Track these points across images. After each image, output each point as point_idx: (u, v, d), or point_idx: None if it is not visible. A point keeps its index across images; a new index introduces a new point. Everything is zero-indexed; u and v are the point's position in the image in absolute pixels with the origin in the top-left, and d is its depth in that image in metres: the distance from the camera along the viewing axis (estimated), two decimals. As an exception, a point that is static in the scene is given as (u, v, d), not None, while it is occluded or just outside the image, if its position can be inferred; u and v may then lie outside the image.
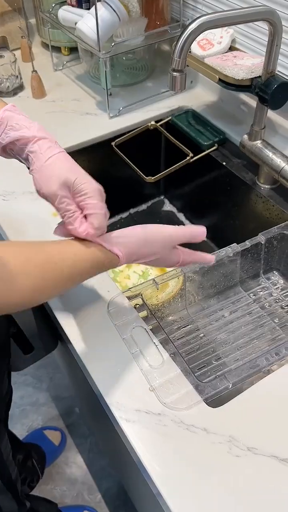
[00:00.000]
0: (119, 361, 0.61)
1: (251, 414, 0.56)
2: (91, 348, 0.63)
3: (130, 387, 0.59)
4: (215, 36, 0.92)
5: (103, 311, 0.66)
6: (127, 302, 0.67)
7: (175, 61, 0.66)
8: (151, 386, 0.58)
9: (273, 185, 0.88)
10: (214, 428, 0.54)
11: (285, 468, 0.51)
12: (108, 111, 1.06)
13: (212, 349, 0.71)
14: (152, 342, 0.62)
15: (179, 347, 0.72)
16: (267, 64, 0.76)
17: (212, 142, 0.98)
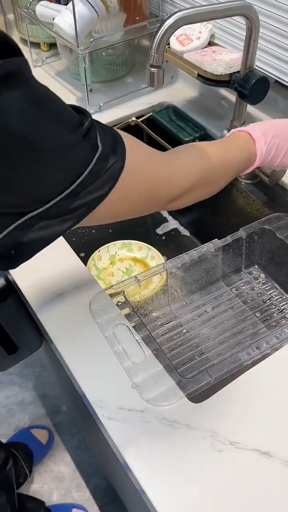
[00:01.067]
0: (102, 359, 0.61)
1: (232, 409, 0.56)
2: (73, 346, 0.63)
3: (113, 385, 0.58)
4: (194, 31, 0.92)
5: (85, 309, 0.66)
6: (109, 300, 0.67)
7: (152, 56, 0.65)
8: (133, 383, 0.58)
9: (254, 180, 0.89)
10: (197, 424, 0.55)
11: (267, 461, 0.52)
12: (88, 108, 1.05)
13: (195, 345, 0.72)
14: (134, 340, 0.62)
15: (162, 343, 0.72)
16: (245, 59, 0.76)
17: (193, 138, 0.98)
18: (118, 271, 0.93)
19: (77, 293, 0.69)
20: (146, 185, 0.49)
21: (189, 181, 0.55)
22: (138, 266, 0.94)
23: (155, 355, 0.61)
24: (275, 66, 0.86)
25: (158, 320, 0.75)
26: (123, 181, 0.44)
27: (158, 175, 0.51)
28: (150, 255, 0.94)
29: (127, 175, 0.45)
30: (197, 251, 0.74)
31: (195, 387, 0.57)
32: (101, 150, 0.42)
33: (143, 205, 0.52)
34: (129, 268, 0.94)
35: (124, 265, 0.94)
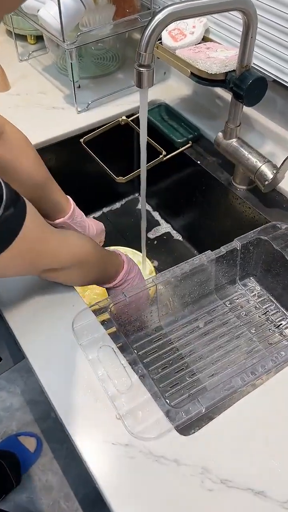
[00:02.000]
0: (84, 385, 0.57)
1: (224, 442, 0.52)
2: (54, 371, 0.58)
3: (96, 415, 0.54)
4: (187, 26, 0.87)
5: (68, 328, 0.61)
6: (94, 318, 0.62)
7: (141, 55, 0.60)
8: (118, 414, 0.54)
9: (249, 186, 0.84)
10: (186, 459, 0.50)
11: (261, 502, 0.47)
12: (76, 105, 1.00)
13: (186, 364, 0.67)
14: (120, 363, 0.57)
15: (150, 364, 0.67)
16: (242, 57, 0.70)
17: (186, 139, 0.93)
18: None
19: (59, 310, 0.64)
20: (33, 254, 0.52)
21: (69, 261, 0.58)
22: None
23: (142, 380, 0.56)
24: (274, 65, 0.80)
25: (146, 338, 0.70)
26: (16, 245, 0.46)
27: (47, 248, 0.54)
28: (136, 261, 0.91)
29: (22, 241, 0.46)
30: (189, 264, 0.69)
31: (184, 418, 0.53)
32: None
33: (22, 269, 0.54)
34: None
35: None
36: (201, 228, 1.01)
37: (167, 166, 0.93)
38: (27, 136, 0.71)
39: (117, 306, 0.64)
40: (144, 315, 0.70)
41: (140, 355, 0.67)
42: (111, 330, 0.62)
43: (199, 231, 1.02)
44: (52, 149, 0.95)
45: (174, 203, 1.07)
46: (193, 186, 0.96)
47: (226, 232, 0.93)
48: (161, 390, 0.64)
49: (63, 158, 0.98)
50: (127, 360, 0.58)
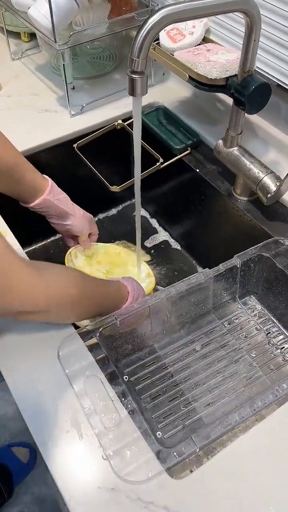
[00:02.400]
0: (69, 420, 0.53)
1: (218, 487, 0.48)
2: (37, 402, 0.54)
3: (81, 455, 0.50)
4: (186, 26, 0.81)
5: (53, 354, 0.57)
6: (82, 344, 0.58)
7: (134, 61, 0.55)
8: (104, 454, 0.49)
9: (251, 197, 0.79)
10: (176, 505, 0.46)
11: None
12: (69, 108, 0.95)
13: (180, 392, 0.63)
14: (108, 396, 0.53)
15: (142, 391, 0.63)
16: (244, 61, 0.65)
17: (185, 146, 0.88)
18: (98, 272, 0.84)
19: (44, 333, 0.60)
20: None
21: (45, 304, 0.51)
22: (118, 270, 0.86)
23: (132, 416, 0.52)
24: (278, 68, 0.75)
25: (139, 361, 0.66)
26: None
27: (15, 286, 0.46)
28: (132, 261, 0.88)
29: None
30: (186, 283, 0.65)
31: (177, 459, 0.49)
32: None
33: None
34: (109, 271, 0.85)
35: (103, 267, 0.86)
36: (200, 238, 0.96)
37: (165, 173, 0.88)
38: (17, 141, 0.67)
39: (107, 330, 0.60)
40: (137, 337, 0.66)
41: (131, 382, 0.63)
42: (100, 356, 0.58)
43: (198, 240, 0.97)
44: (44, 154, 0.90)
45: (172, 211, 1.02)
46: (191, 195, 0.91)
47: (226, 244, 0.88)
48: (153, 421, 0.60)
49: (55, 164, 0.93)
50: (116, 392, 0.54)
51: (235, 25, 0.79)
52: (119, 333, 0.63)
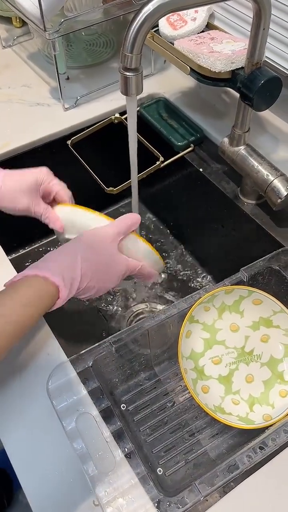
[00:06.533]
0: (58, 461, 0.48)
1: None
2: (23, 440, 0.49)
3: (69, 501, 0.45)
4: (188, 11, 0.74)
5: (41, 386, 0.52)
6: (74, 374, 0.53)
7: (126, 57, 0.48)
8: (96, 499, 0.45)
9: (259, 200, 0.73)
10: None
11: None
12: (62, 102, 0.88)
13: (183, 422, 0.58)
14: (102, 437, 0.48)
15: (141, 422, 0.57)
16: (252, 53, 0.58)
17: (187, 142, 0.81)
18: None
19: (31, 361, 0.55)
20: None
21: None
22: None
23: (129, 460, 0.47)
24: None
25: (137, 388, 0.60)
26: None
27: None
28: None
29: None
30: (187, 302, 0.59)
31: (179, 509, 0.44)
32: None
33: None
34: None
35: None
36: (204, 242, 0.90)
37: (165, 173, 0.82)
38: (6, 139, 0.60)
39: (102, 356, 0.54)
40: (135, 361, 0.60)
41: (129, 411, 0.58)
42: (94, 387, 0.53)
43: (202, 245, 0.91)
44: (35, 153, 0.84)
45: (175, 211, 0.96)
46: (195, 197, 0.84)
47: (232, 250, 0.82)
48: (154, 456, 0.55)
49: (48, 163, 0.86)
50: (111, 431, 0.49)
51: (242, 10, 0.71)
52: (116, 358, 0.57)
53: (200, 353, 0.59)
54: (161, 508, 0.44)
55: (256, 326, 0.61)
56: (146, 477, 0.46)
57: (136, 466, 0.46)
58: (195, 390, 0.55)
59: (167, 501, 0.44)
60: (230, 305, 0.62)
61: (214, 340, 0.61)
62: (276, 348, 0.60)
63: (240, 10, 0.71)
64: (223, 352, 0.60)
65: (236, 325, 0.61)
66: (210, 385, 0.58)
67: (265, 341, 0.60)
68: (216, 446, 0.56)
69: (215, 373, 0.59)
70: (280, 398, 0.57)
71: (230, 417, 0.55)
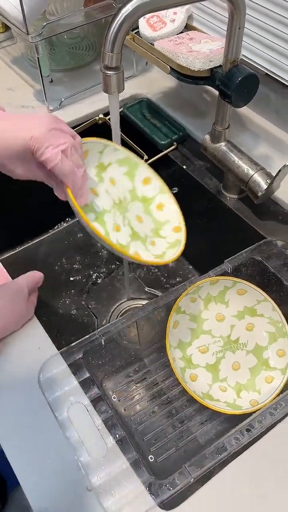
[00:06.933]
0: (52, 450, 0.49)
1: (216, 521, 0.44)
2: (16, 433, 0.50)
3: (63, 487, 0.46)
4: (167, 12, 0.76)
5: (33, 381, 0.53)
6: (64, 366, 0.54)
7: (107, 56, 0.50)
8: (89, 484, 0.46)
9: (241, 194, 0.75)
10: None
11: None
12: (47, 103, 0.89)
13: (174, 411, 0.59)
14: (93, 424, 0.49)
15: (131, 413, 0.59)
16: (228, 51, 0.60)
17: (171, 141, 0.83)
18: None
19: (22, 354, 0.56)
20: None
21: None
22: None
23: (120, 446, 0.48)
24: (266, 57, 0.70)
25: (128, 378, 0.62)
26: None
27: None
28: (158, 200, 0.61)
29: None
30: (174, 294, 0.61)
31: (170, 491, 0.45)
32: None
33: None
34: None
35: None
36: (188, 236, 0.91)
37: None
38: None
39: (92, 348, 0.56)
40: (125, 352, 0.62)
41: (120, 402, 0.59)
42: (84, 378, 0.54)
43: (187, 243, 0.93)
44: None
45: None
46: (178, 193, 0.86)
47: (216, 244, 0.84)
48: (144, 444, 0.56)
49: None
50: (103, 418, 0.50)
51: (219, 11, 0.74)
52: (105, 350, 0.59)
53: (188, 342, 0.61)
54: (152, 491, 0.45)
55: (241, 315, 0.63)
56: (137, 461, 0.47)
57: (128, 452, 0.48)
58: (183, 378, 0.56)
59: (158, 484, 0.46)
60: (216, 296, 0.63)
61: (201, 330, 0.62)
62: (260, 336, 0.62)
63: (217, 11, 0.74)
64: (210, 341, 0.62)
65: (221, 315, 0.63)
66: (198, 374, 0.59)
67: (250, 330, 0.62)
68: (205, 432, 0.57)
69: (202, 361, 0.60)
70: (266, 384, 0.59)
71: (218, 403, 0.57)
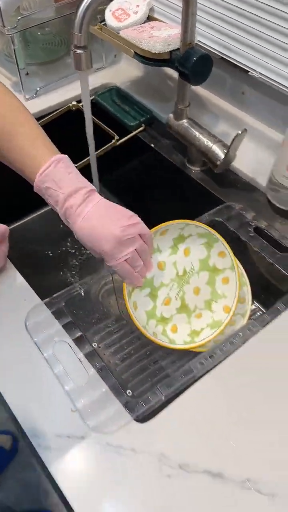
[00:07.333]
0: (40, 382, 0.55)
1: (181, 427, 0.51)
2: (8, 370, 0.56)
3: (52, 411, 0.53)
4: (131, 5, 0.84)
5: (20, 326, 0.59)
6: (48, 313, 0.61)
7: (76, 36, 0.58)
8: (74, 406, 0.52)
9: (203, 167, 0.83)
10: (143, 447, 0.50)
11: (219, 484, 0.47)
12: (23, 93, 0.96)
13: (148, 352, 0.66)
14: (76, 358, 0.56)
15: (111, 356, 0.66)
16: (184, 35, 0.69)
17: (139, 122, 0.91)
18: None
19: (9, 306, 0.62)
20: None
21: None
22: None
23: (101, 374, 0.55)
24: (220, 42, 0.79)
25: (107, 329, 0.69)
26: None
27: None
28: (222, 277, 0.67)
29: None
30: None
31: (144, 408, 0.52)
32: None
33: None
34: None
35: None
36: (159, 212, 0.99)
37: (121, 151, 0.91)
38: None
39: (72, 299, 0.63)
40: (103, 306, 0.69)
41: (100, 348, 0.66)
42: (67, 322, 0.61)
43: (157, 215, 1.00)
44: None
45: (132, 188, 1.05)
46: (148, 170, 0.94)
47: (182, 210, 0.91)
48: (123, 380, 0.63)
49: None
50: (84, 354, 0.57)
51: (176, 2, 0.82)
52: (85, 303, 0.66)
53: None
54: (129, 408, 0.52)
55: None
56: (115, 384, 0.54)
57: (107, 379, 0.55)
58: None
59: (134, 402, 0.53)
60: None
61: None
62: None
63: (175, 3, 0.82)
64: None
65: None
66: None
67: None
68: (176, 368, 0.64)
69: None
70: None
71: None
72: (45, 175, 0.53)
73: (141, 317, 0.62)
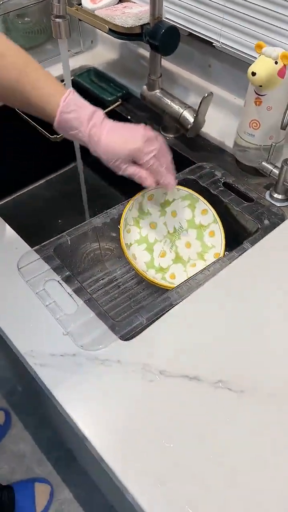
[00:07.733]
0: (33, 314, 0.61)
1: (162, 342, 0.58)
2: (2, 307, 0.62)
3: (44, 335, 0.59)
4: (104, -12, 0.91)
5: (13, 270, 0.65)
6: (38, 258, 0.67)
7: (55, 6, 0.64)
8: (65, 330, 0.59)
9: (176, 134, 0.90)
10: (128, 359, 0.56)
11: (196, 385, 0.54)
12: (6, 75, 1.02)
13: (130, 295, 0.73)
14: (66, 292, 0.62)
15: (97, 298, 0.72)
16: (153, 10, 0.76)
17: (116, 97, 0.98)
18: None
19: (2, 255, 0.68)
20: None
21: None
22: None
23: (88, 305, 0.61)
24: (187, 18, 0.87)
25: (92, 277, 0.75)
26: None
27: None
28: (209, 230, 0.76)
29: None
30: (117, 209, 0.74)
31: (128, 329, 0.59)
32: None
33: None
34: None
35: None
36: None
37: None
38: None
39: (60, 247, 0.69)
40: (88, 257, 0.75)
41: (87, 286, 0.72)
42: (56, 266, 0.67)
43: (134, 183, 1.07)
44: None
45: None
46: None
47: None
48: (108, 309, 0.69)
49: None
50: (73, 290, 0.63)
51: (146, -16, 0.90)
52: (72, 251, 0.72)
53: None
54: (115, 330, 0.59)
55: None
56: (102, 312, 0.60)
57: (94, 308, 0.61)
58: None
59: (118, 325, 0.59)
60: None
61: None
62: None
63: (145, -15, 0.90)
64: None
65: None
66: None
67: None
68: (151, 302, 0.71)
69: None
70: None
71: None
72: (69, 100, 0.62)
73: (141, 266, 0.70)
